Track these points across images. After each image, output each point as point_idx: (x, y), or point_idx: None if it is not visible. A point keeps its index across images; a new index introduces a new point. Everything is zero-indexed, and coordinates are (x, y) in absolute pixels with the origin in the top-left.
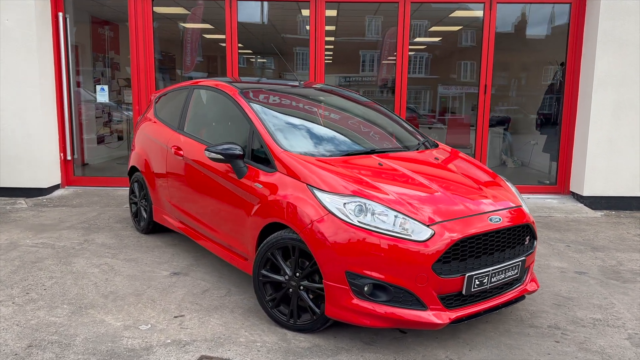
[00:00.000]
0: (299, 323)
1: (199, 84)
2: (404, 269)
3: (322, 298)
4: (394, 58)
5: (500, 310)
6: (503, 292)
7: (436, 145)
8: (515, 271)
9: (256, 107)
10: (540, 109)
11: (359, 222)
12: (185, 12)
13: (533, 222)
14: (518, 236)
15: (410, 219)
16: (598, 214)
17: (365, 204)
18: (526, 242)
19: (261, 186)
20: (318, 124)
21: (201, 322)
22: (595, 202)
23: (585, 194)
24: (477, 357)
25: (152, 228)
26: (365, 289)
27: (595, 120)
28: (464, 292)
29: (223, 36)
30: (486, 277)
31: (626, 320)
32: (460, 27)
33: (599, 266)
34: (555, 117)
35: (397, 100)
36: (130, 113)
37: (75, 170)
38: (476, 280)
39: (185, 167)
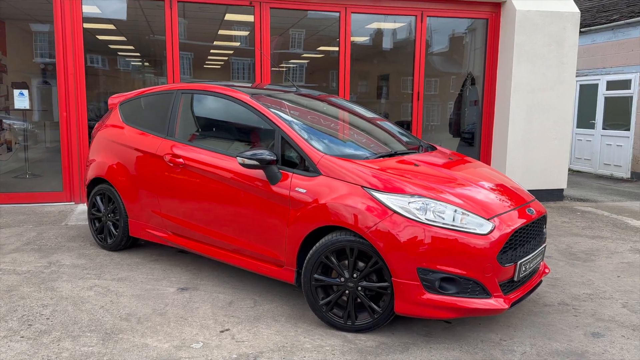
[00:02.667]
0: (357, 324)
1: (186, 88)
2: (473, 261)
3: (379, 297)
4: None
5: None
6: (531, 277)
7: (434, 148)
8: (541, 257)
9: (278, 112)
10: (451, 114)
11: (426, 219)
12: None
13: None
14: (541, 225)
15: (470, 214)
16: None
17: (427, 202)
18: (544, 230)
19: (304, 191)
20: (335, 128)
21: (253, 334)
22: None
23: None
24: (525, 335)
25: (125, 244)
26: (436, 283)
27: (514, 122)
28: (515, 279)
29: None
30: (528, 264)
31: (612, 293)
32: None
33: (555, 250)
34: (463, 122)
35: None
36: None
37: None
38: (523, 266)
39: (188, 176)
